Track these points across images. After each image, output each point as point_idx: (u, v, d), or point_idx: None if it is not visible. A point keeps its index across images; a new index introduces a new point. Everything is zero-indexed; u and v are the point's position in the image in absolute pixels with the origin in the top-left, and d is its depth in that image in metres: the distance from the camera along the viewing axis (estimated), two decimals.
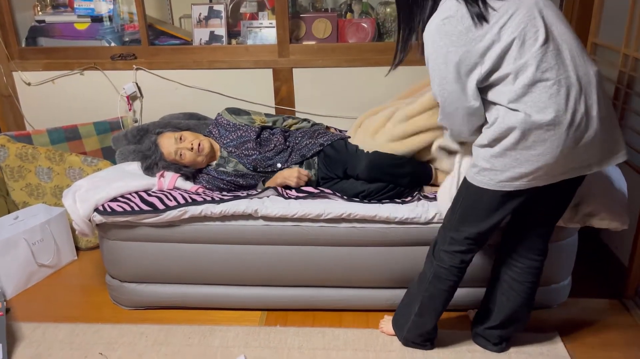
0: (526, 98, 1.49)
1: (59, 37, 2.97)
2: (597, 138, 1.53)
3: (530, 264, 1.83)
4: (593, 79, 1.51)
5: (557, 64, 1.48)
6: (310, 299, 2.20)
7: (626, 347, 2.01)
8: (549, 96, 1.47)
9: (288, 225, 2.07)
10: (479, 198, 1.67)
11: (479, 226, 1.71)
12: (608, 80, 2.40)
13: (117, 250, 2.16)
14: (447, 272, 1.80)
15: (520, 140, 1.51)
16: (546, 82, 1.47)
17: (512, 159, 1.55)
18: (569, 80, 1.48)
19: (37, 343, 2.08)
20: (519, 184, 1.58)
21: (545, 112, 1.47)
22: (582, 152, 1.54)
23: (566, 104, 1.47)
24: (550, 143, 1.50)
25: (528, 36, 1.47)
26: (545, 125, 1.48)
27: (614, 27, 2.38)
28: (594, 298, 2.27)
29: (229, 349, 2.02)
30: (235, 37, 2.98)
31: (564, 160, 1.53)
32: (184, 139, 2.26)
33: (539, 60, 1.47)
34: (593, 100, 1.50)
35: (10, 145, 2.66)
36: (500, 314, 1.90)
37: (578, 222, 1.95)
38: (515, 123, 1.50)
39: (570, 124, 1.48)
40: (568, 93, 1.47)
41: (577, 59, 1.50)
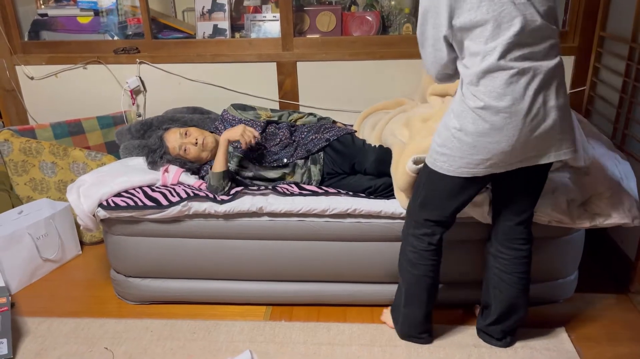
0: (485, 81, 1.51)
1: (62, 31, 2.95)
2: (555, 128, 1.55)
3: (516, 254, 1.83)
4: (554, 70, 1.52)
5: (523, 53, 1.48)
6: (315, 294, 2.19)
7: (632, 342, 2.00)
8: (508, 84, 1.49)
9: (293, 221, 2.06)
10: (439, 183, 1.70)
11: (441, 210, 1.75)
12: (616, 73, 2.37)
13: (121, 245, 2.15)
14: (418, 256, 1.82)
15: (477, 126, 1.54)
16: (509, 70, 1.48)
17: (469, 146, 1.57)
18: (532, 70, 1.49)
19: (42, 337, 2.08)
20: (476, 171, 1.60)
21: (502, 99, 1.49)
22: (539, 140, 1.55)
23: (524, 93, 1.49)
24: (507, 131, 1.52)
25: (505, 20, 1.47)
26: (502, 112, 1.50)
27: (622, 19, 2.35)
28: (600, 293, 2.26)
29: (234, 344, 2.02)
30: (238, 31, 2.96)
31: (521, 148, 1.55)
32: (189, 134, 2.26)
33: (507, 48, 1.47)
34: (552, 91, 1.52)
35: (14, 140, 2.66)
36: (497, 308, 1.90)
37: (587, 222, 1.92)
38: (472, 107, 1.53)
39: (527, 113, 1.50)
40: (528, 82, 1.49)
41: (543, 48, 1.51)
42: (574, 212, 1.90)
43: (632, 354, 1.94)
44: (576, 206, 1.90)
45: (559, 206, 1.89)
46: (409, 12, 2.84)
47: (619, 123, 2.34)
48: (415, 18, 2.85)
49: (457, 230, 1.91)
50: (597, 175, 1.92)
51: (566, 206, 1.89)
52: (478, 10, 1.46)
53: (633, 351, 1.95)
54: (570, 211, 1.90)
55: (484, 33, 1.48)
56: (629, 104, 2.26)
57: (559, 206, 1.89)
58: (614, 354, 1.94)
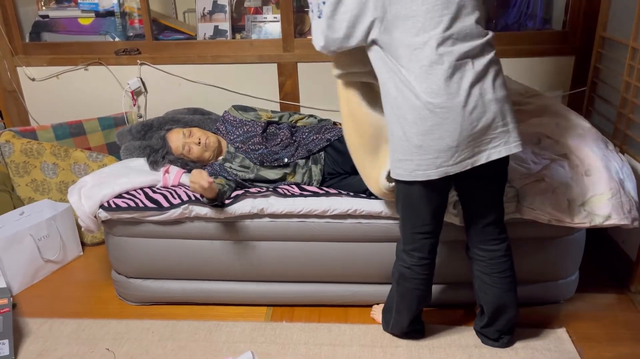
0: (420, 79, 1.53)
1: (63, 32, 2.96)
2: (498, 121, 1.56)
3: (491, 255, 1.82)
4: (488, 65, 1.54)
5: (455, 48, 1.51)
6: (316, 295, 2.19)
7: (634, 342, 2.00)
8: (442, 80, 1.51)
9: (293, 221, 2.06)
10: (406, 191, 1.71)
11: (420, 219, 1.75)
12: (617, 73, 2.37)
13: (122, 246, 2.16)
14: (409, 271, 1.82)
15: (418, 125, 1.56)
16: (442, 65, 1.51)
17: (416, 147, 1.58)
18: (465, 65, 1.52)
19: (43, 338, 2.09)
20: (429, 173, 1.60)
21: (438, 96, 1.52)
22: (484, 134, 1.57)
23: (459, 87, 1.51)
24: (448, 126, 1.54)
25: (438, 14, 1.50)
26: (439, 108, 1.52)
27: (623, 20, 2.35)
28: (601, 293, 2.26)
29: (235, 344, 2.02)
30: (239, 32, 2.97)
31: (466, 143, 1.56)
32: (192, 134, 2.26)
33: (439, 41, 1.50)
34: (488, 84, 1.54)
35: (15, 141, 2.66)
36: (486, 310, 1.91)
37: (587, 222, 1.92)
38: (411, 107, 1.56)
39: (464, 106, 1.52)
40: (462, 77, 1.52)
41: (476, 45, 1.53)
42: (574, 212, 1.90)
43: (633, 354, 1.94)
44: (576, 206, 1.90)
45: (559, 205, 1.89)
46: None
47: (620, 124, 2.34)
48: None
49: (457, 231, 1.92)
50: (598, 176, 1.92)
51: (566, 205, 1.89)
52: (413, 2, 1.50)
53: (634, 351, 1.95)
54: (570, 211, 1.90)
55: (416, 25, 1.51)
56: (631, 104, 2.26)
57: (559, 205, 1.89)
58: (615, 354, 1.94)
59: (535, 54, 2.73)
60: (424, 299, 1.89)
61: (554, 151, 2.04)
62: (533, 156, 2.04)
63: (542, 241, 2.04)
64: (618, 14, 2.41)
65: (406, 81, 1.56)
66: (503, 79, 1.61)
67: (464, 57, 1.52)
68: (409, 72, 1.55)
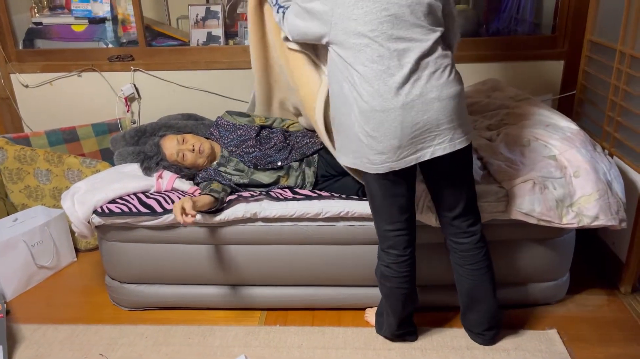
0: (363, 79, 1.60)
1: (56, 39, 2.97)
2: (441, 120, 1.60)
3: (462, 247, 1.87)
4: (433, 63, 1.59)
5: (394, 49, 1.57)
6: (309, 298, 2.20)
7: (624, 342, 2.02)
8: (382, 80, 1.58)
9: (287, 225, 2.07)
10: (368, 186, 1.78)
11: (387, 214, 1.78)
12: (605, 77, 2.40)
13: (116, 251, 2.16)
14: (389, 270, 1.85)
15: (362, 123, 1.63)
16: (381, 65, 1.57)
17: (362, 142, 1.65)
18: (404, 65, 1.57)
19: (37, 344, 2.09)
20: (377, 167, 1.66)
21: (377, 96, 1.59)
22: (426, 131, 1.61)
23: (398, 88, 1.58)
24: (388, 125, 1.59)
25: (376, 16, 1.57)
26: (378, 109, 1.59)
27: (611, 25, 2.39)
28: (592, 295, 2.28)
29: (229, 349, 2.03)
30: (232, 38, 2.99)
31: (408, 141, 1.61)
32: (186, 141, 2.27)
33: (379, 44, 1.57)
34: (431, 84, 1.59)
35: (9, 148, 2.67)
36: (461, 301, 1.96)
37: (575, 222, 1.95)
38: (357, 104, 1.63)
39: (403, 106, 1.58)
40: (402, 77, 1.58)
41: (416, 42, 1.59)
42: (563, 212, 1.92)
43: (623, 354, 1.96)
44: (565, 207, 1.93)
45: (548, 206, 1.91)
46: None
47: (609, 127, 2.37)
48: None
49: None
50: (586, 177, 1.95)
51: (555, 206, 1.92)
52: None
53: (625, 351, 1.97)
54: (558, 212, 1.92)
55: (357, 28, 1.59)
56: (619, 108, 2.29)
57: (547, 206, 1.91)
58: (606, 355, 1.96)
59: (525, 58, 2.77)
60: (408, 299, 1.90)
61: (543, 153, 2.07)
62: (522, 157, 2.06)
63: (533, 243, 2.06)
64: (606, 18, 2.44)
65: (353, 81, 1.62)
66: (453, 76, 1.63)
67: (403, 57, 1.58)
68: (356, 71, 1.62)
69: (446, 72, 1.62)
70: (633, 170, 2.19)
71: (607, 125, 2.39)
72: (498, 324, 2.00)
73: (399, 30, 1.58)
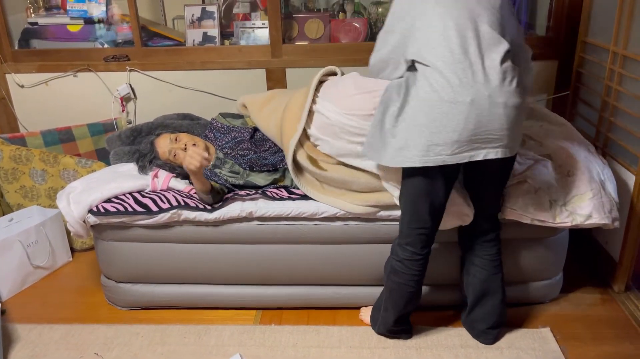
0: (434, 70, 1.60)
1: (52, 39, 2.97)
2: (502, 125, 1.60)
3: (485, 238, 1.93)
4: (503, 70, 1.59)
5: (465, 52, 1.57)
6: (304, 297, 2.21)
7: (617, 341, 2.03)
8: (457, 77, 1.57)
9: (282, 224, 2.08)
10: (408, 183, 1.77)
11: (418, 213, 1.78)
12: (598, 77, 2.42)
13: (111, 251, 2.17)
14: (401, 265, 1.85)
15: (427, 113, 1.62)
16: (460, 64, 1.58)
17: (416, 133, 1.63)
18: (476, 64, 1.58)
19: (32, 344, 2.09)
20: (428, 159, 1.63)
21: (445, 87, 1.59)
22: (485, 133, 1.60)
23: (470, 86, 1.57)
24: (453, 117, 1.58)
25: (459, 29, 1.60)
26: (447, 99, 1.58)
27: (604, 26, 2.40)
28: (585, 294, 2.30)
29: (224, 348, 2.04)
30: (228, 38, 2.99)
31: (467, 138, 1.60)
32: (179, 140, 2.28)
33: (461, 45, 1.58)
34: (502, 90, 1.58)
35: (4, 148, 2.67)
36: (472, 294, 1.98)
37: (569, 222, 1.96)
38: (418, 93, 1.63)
39: (472, 102, 1.56)
40: (474, 77, 1.58)
41: (493, 48, 1.60)
42: (556, 212, 1.94)
43: (616, 353, 1.97)
44: (558, 206, 1.94)
45: (542, 205, 1.93)
46: None
47: (602, 127, 2.39)
48: None
49: (443, 232, 1.94)
50: (580, 177, 1.96)
51: (549, 206, 1.93)
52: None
53: (617, 349, 1.99)
54: (552, 211, 1.94)
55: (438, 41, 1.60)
56: (612, 108, 2.30)
57: (541, 205, 1.93)
58: (599, 353, 1.98)
59: None
60: (412, 299, 1.91)
61: (538, 152, 2.08)
62: (517, 157, 2.07)
63: (526, 242, 2.07)
64: (599, 19, 2.46)
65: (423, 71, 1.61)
66: (519, 88, 1.62)
67: (476, 58, 1.57)
68: (431, 67, 1.60)
69: (515, 81, 1.61)
70: (626, 169, 2.21)
71: (600, 125, 2.40)
72: (503, 323, 2.02)
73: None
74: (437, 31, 1.59)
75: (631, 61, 2.17)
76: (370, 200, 2.00)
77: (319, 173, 2.05)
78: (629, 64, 2.19)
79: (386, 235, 2.05)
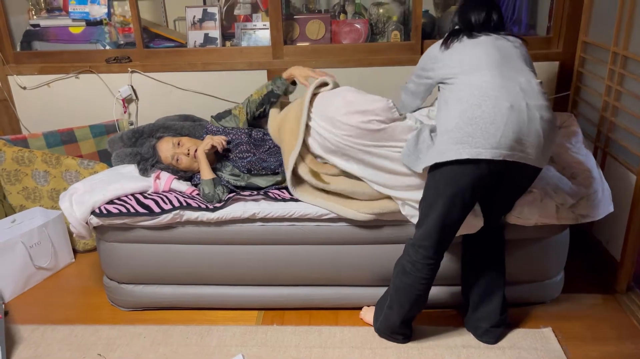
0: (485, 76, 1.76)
1: (54, 41, 2.98)
2: (541, 135, 1.68)
3: (492, 236, 1.96)
4: (538, 94, 1.73)
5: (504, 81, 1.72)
6: (306, 298, 2.22)
7: (619, 341, 2.03)
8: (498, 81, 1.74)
9: (284, 225, 2.09)
10: (437, 181, 1.77)
11: (442, 217, 1.77)
12: (599, 78, 2.42)
13: (114, 252, 2.17)
14: (411, 266, 1.86)
15: (467, 110, 1.72)
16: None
17: (457, 129, 1.72)
18: (516, 83, 1.73)
19: (35, 344, 2.10)
20: (465, 152, 1.67)
21: (494, 89, 1.73)
22: (521, 139, 1.66)
23: (515, 94, 1.70)
24: (497, 114, 1.67)
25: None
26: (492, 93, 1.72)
27: (604, 25, 2.41)
28: (586, 293, 2.30)
29: (226, 348, 2.04)
30: (229, 39, 3.00)
31: (506, 138, 1.65)
32: (181, 144, 2.28)
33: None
34: (535, 104, 1.70)
35: (7, 149, 2.67)
36: (475, 294, 1.99)
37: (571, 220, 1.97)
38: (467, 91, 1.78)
39: (511, 108, 1.66)
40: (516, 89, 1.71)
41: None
42: (562, 214, 1.94)
43: (617, 352, 1.98)
44: (565, 209, 1.95)
45: (547, 211, 1.94)
46: (396, 20, 2.89)
47: (603, 127, 2.39)
48: (402, 25, 2.90)
49: None
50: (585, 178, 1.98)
51: (554, 211, 1.94)
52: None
53: (619, 349, 1.99)
54: (558, 215, 1.95)
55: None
56: (612, 108, 2.31)
57: (547, 211, 1.94)
58: (600, 353, 1.98)
59: None
60: (418, 301, 1.91)
61: None
62: None
63: (527, 242, 2.07)
64: (600, 20, 2.46)
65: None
66: (549, 104, 1.75)
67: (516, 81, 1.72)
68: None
69: (546, 100, 1.74)
70: (627, 169, 2.21)
71: (601, 125, 2.41)
72: (505, 322, 2.02)
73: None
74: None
75: (632, 61, 2.18)
76: (375, 208, 2.01)
77: (322, 186, 2.05)
78: (630, 64, 2.19)
79: (388, 236, 2.06)
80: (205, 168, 2.19)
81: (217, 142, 2.21)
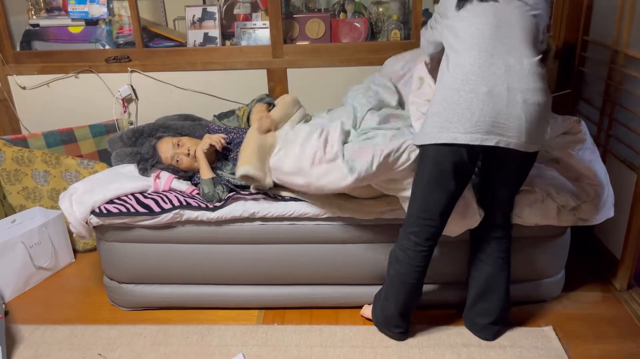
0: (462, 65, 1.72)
1: (54, 41, 2.98)
2: (522, 119, 1.66)
3: (494, 235, 1.94)
4: (527, 69, 1.68)
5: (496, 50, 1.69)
6: (307, 297, 2.22)
7: (620, 339, 2.03)
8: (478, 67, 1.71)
9: (284, 224, 2.09)
10: (423, 164, 1.80)
11: (427, 202, 1.80)
12: (599, 76, 2.42)
13: (114, 252, 2.17)
14: (403, 255, 1.87)
15: (451, 96, 1.73)
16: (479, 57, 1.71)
17: (443, 108, 1.74)
18: (500, 61, 1.69)
19: (36, 344, 2.10)
20: (444, 136, 1.70)
21: (472, 75, 1.72)
22: (500, 122, 1.66)
23: (494, 78, 1.68)
24: (473, 104, 1.68)
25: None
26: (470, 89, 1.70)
27: (605, 24, 2.41)
28: (587, 292, 2.30)
29: (227, 348, 2.04)
30: (229, 38, 3.00)
31: (484, 121, 1.66)
32: (182, 145, 2.28)
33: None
34: (521, 85, 1.67)
35: (7, 149, 2.67)
36: (476, 288, 1.99)
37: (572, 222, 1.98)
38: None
39: (489, 92, 1.66)
40: (496, 71, 1.68)
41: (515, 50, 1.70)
42: (563, 216, 1.94)
43: (618, 351, 1.98)
44: (567, 211, 1.95)
45: (548, 214, 1.94)
46: (396, 19, 2.89)
47: (603, 125, 2.39)
48: (402, 25, 2.89)
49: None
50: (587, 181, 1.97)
51: (556, 213, 1.93)
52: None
53: (620, 348, 1.99)
54: (559, 216, 1.94)
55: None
56: (612, 106, 2.31)
57: (547, 214, 1.94)
58: (601, 351, 1.98)
59: None
60: (412, 291, 1.91)
61: (545, 157, 2.08)
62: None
63: (528, 241, 2.07)
64: (600, 17, 2.46)
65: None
66: (541, 86, 1.68)
67: (503, 57, 1.67)
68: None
69: (538, 79, 1.69)
70: (627, 168, 2.21)
71: (601, 123, 2.41)
72: (504, 320, 2.02)
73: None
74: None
75: (632, 60, 2.17)
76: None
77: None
78: (630, 62, 2.19)
79: (389, 235, 2.06)
80: (205, 167, 2.18)
81: (215, 141, 2.21)
